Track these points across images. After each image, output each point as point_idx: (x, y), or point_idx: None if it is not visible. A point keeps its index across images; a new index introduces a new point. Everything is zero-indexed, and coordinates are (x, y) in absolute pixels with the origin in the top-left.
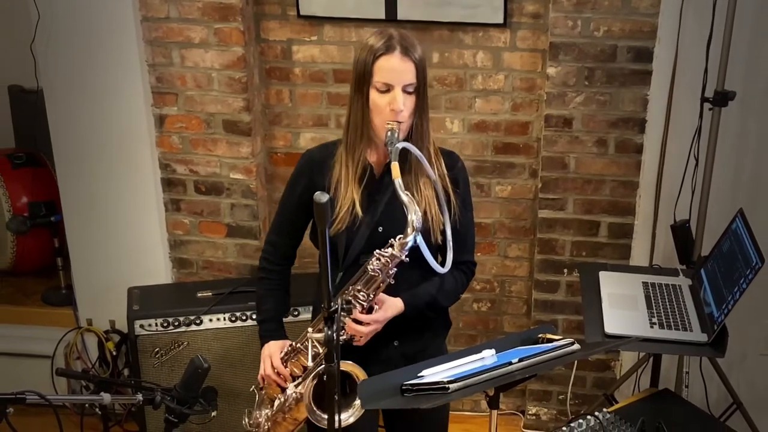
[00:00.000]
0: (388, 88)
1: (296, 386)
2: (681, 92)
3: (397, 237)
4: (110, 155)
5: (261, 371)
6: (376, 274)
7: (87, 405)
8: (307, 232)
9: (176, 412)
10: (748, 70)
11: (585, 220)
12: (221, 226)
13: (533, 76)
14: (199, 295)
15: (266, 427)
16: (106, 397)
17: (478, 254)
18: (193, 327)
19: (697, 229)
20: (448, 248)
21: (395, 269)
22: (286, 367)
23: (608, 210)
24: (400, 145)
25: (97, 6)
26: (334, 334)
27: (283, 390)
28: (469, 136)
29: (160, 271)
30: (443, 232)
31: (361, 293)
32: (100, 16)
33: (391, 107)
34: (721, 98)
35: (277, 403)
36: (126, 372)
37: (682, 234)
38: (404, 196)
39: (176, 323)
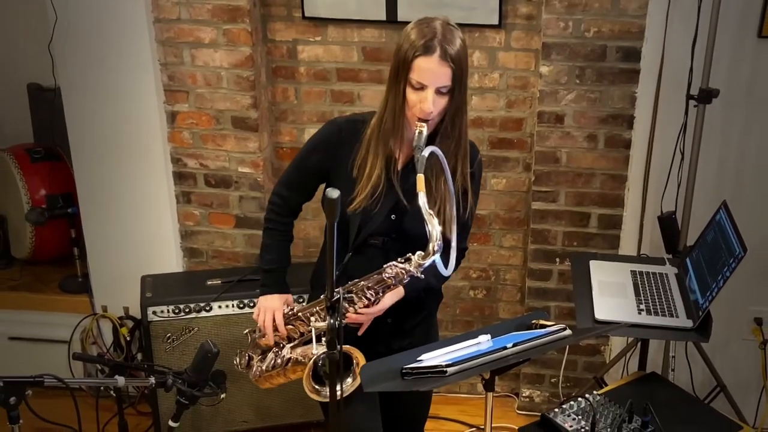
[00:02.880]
0: (421, 87)
1: (292, 348)
2: (667, 90)
3: (417, 253)
4: (124, 150)
5: (261, 321)
6: (390, 281)
7: (102, 388)
8: (319, 194)
9: (187, 394)
10: (731, 69)
11: (576, 212)
12: (230, 217)
13: (527, 75)
14: (209, 283)
15: (258, 375)
16: (120, 380)
17: (474, 244)
18: (203, 313)
19: (682, 220)
20: (452, 249)
21: (408, 279)
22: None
23: (598, 202)
24: (426, 152)
25: (112, 8)
26: (336, 322)
27: (278, 345)
28: None
29: (171, 260)
30: (451, 233)
31: (370, 291)
32: (114, 17)
33: (421, 106)
34: (706, 96)
35: (270, 357)
36: (139, 356)
37: (668, 225)
38: (427, 215)
39: (187, 310)
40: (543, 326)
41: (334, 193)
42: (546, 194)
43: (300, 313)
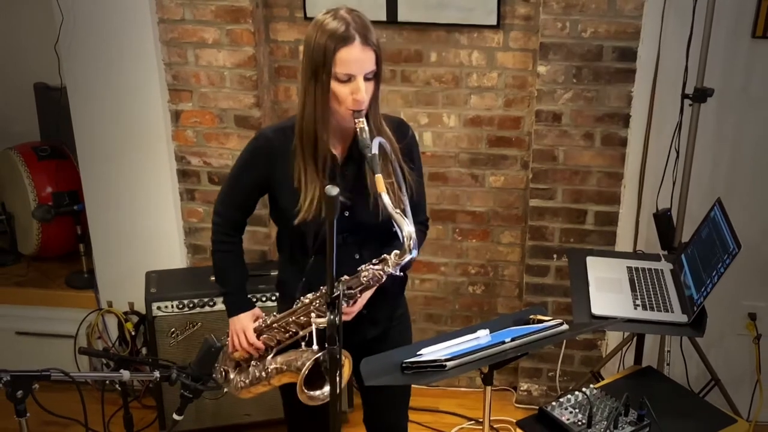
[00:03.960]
0: (349, 78)
1: (272, 358)
2: (663, 89)
3: (393, 253)
4: (129, 148)
5: (232, 341)
6: (368, 282)
7: (107, 382)
8: (265, 210)
9: (191, 388)
10: (725, 68)
11: (573, 209)
12: None
13: (525, 74)
14: (212, 278)
15: (239, 388)
16: (125, 375)
17: (473, 240)
18: (207, 308)
19: (677, 217)
20: (411, 230)
21: (386, 278)
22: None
23: (595, 199)
24: (375, 148)
25: (117, 9)
26: (336, 318)
27: (259, 357)
28: (464, 130)
29: (175, 257)
30: (404, 210)
31: (350, 291)
32: (119, 18)
33: (354, 97)
34: (700, 95)
35: (251, 371)
36: (144, 351)
37: (663, 221)
38: (395, 215)
39: (191, 305)
40: (541, 321)
41: (333, 190)
42: (543, 191)
43: (275, 325)
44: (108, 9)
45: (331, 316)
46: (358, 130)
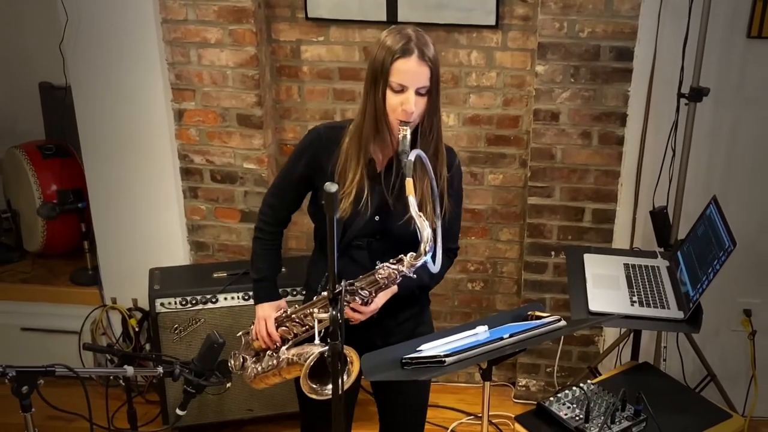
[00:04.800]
0: (402, 89)
1: (287, 349)
2: (659, 88)
3: (408, 254)
4: (133, 147)
5: (255, 328)
6: (383, 282)
7: (111, 377)
8: (306, 204)
9: (194, 383)
10: (721, 68)
11: (571, 207)
12: (235, 211)
13: (523, 74)
14: (215, 275)
15: (252, 376)
16: (129, 370)
17: (472, 237)
18: (209, 305)
19: (674, 215)
20: (438, 248)
21: (400, 279)
22: (277, 330)
23: (592, 197)
24: (412, 156)
25: (121, 9)
26: (338, 314)
27: (275, 348)
28: (464, 129)
29: (179, 254)
30: (434, 231)
31: (364, 291)
32: (123, 18)
33: (403, 107)
34: (696, 94)
35: (266, 359)
36: (147, 347)
37: (660, 219)
38: (417, 218)
39: (194, 302)
40: (539, 317)
41: (332, 187)
42: (541, 189)
43: (294, 315)
44: (112, 10)
45: (333, 312)
46: (400, 137)
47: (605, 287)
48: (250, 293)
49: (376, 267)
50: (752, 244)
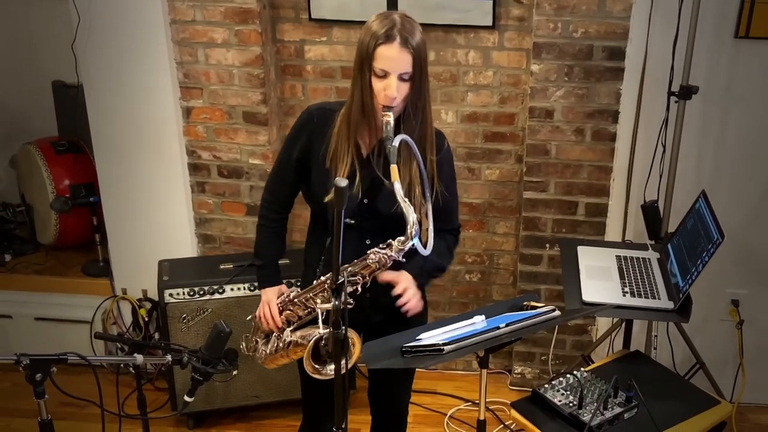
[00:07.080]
0: (385, 74)
1: (292, 331)
2: (650, 87)
3: (397, 239)
4: (143, 143)
5: (259, 312)
6: (374, 265)
7: (122, 365)
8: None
9: (201, 371)
10: (710, 67)
11: (565, 201)
12: (241, 205)
13: (519, 73)
14: (222, 267)
15: (263, 357)
16: (139, 358)
17: (470, 231)
18: (217, 295)
19: (664, 209)
20: (430, 231)
21: (391, 263)
22: (281, 314)
23: (585, 191)
24: (396, 141)
25: (131, 11)
26: (341, 304)
27: (280, 330)
28: (461, 126)
29: (187, 246)
30: (426, 215)
31: (357, 276)
32: (133, 19)
33: (385, 92)
34: (686, 92)
35: (273, 340)
36: (157, 335)
37: (651, 213)
38: (403, 204)
39: (201, 292)
40: (534, 308)
41: (342, 182)
42: (536, 184)
43: (296, 299)
44: (122, 10)
45: (336, 302)
46: (384, 122)
47: (598, 278)
48: (256, 284)
49: (368, 253)
50: (740, 237)
